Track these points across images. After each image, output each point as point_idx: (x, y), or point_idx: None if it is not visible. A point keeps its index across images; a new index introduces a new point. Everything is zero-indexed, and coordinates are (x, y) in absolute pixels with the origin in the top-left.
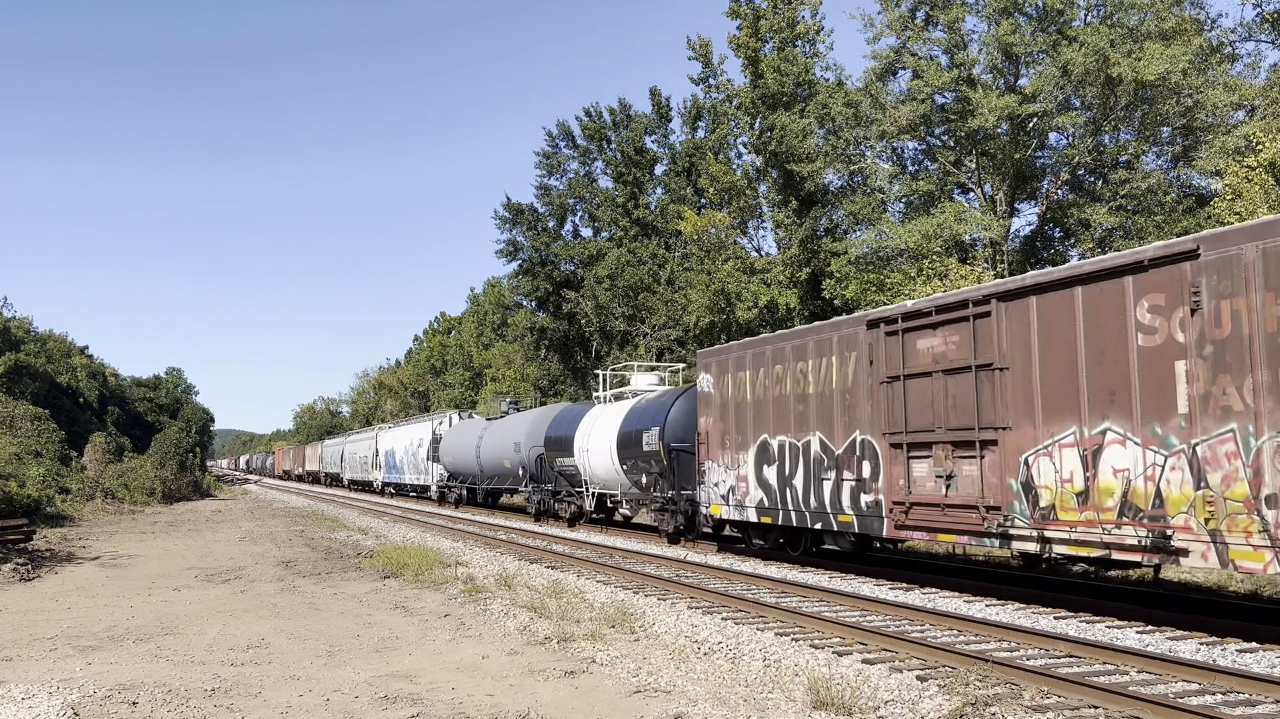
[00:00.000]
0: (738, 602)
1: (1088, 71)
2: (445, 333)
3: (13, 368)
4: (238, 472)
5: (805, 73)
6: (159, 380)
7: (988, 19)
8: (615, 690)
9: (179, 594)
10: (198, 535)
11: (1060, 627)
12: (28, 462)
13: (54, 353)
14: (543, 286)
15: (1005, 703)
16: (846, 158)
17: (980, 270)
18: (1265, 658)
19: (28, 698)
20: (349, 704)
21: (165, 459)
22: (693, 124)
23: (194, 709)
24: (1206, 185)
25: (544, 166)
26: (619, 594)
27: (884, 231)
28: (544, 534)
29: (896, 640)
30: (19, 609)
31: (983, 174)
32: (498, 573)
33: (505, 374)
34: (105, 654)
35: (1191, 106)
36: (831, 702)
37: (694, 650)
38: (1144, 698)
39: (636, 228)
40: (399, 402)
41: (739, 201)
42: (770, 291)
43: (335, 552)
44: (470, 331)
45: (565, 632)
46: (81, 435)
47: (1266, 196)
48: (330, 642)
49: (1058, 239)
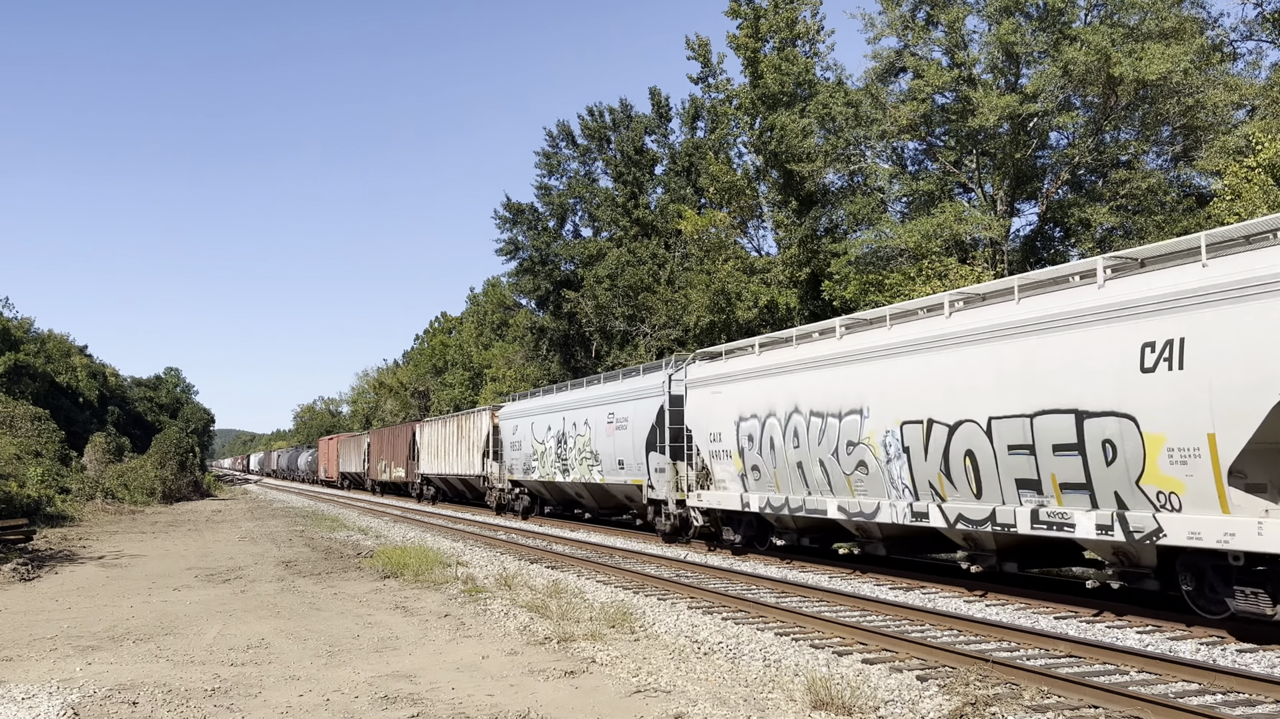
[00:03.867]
0: (738, 602)
1: (1088, 71)
2: (445, 333)
3: (13, 368)
4: (247, 473)
5: (805, 72)
6: (159, 380)
7: (988, 19)
8: (615, 690)
9: (179, 594)
10: (198, 535)
11: (1060, 627)
12: (28, 462)
13: (54, 353)
14: (544, 285)
15: (1005, 703)
16: (846, 158)
17: (980, 270)
18: (1265, 658)
19: (28, 698)
20: (349, 704)
21: (165, 459)
22: (692, 124)
23: (194, 709)
24: (1206, 185)
25: (544, 166)
26: (619, 594)
27: (884, 232)
28: (545, 534)
29: (896, 640)
30: (19, 609)
31: (983, 174)
32: (498, 573)
33: (505, 374)
34: (105, 654)
35: (1192, 106)
36: (831, 702)
37: (694, 650)
38: (1144, 698)
39: (636, 228)
40: (399, 401)
41: (739, 201)
42: (770, 291)
43: (335, 552)
44: (470, 331)
45: (565, 632)
46: (81, 435)
47: (1266, 197)
48: (330, 642)
49: (1058, 239)
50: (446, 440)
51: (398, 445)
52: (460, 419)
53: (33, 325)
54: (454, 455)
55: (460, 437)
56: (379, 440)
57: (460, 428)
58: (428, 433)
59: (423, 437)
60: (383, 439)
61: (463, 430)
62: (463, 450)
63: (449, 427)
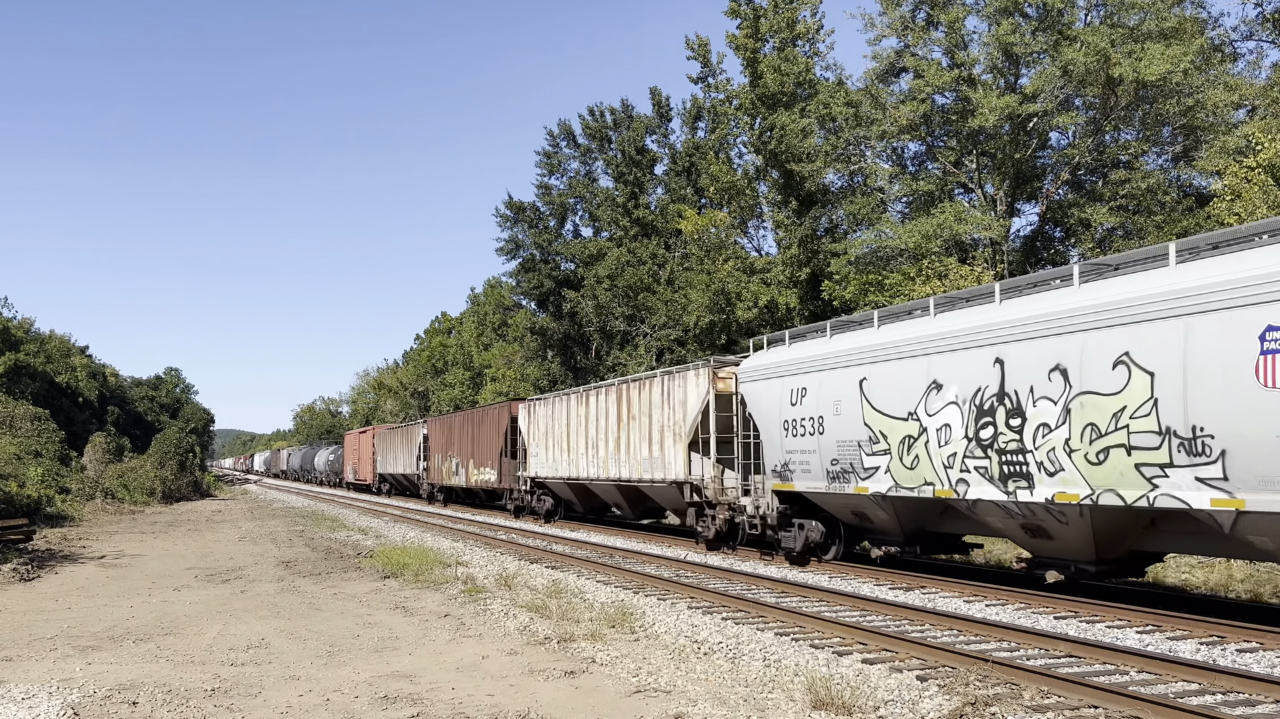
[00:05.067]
0: (738, 602)
1: (1088, 71)
2: (445, 333)
3: (13, 368)
4: (249, 474)
5: (805, 72)
6: (159, 380)
7: (988, 19)
8: (615, 690)
9: (179, 594)
10: (198, 535)
11: (1060, 627)
12: (28, 462)
13: (54, 353)
14: (545, 283)
15: (1005, 703)
16: (846, 158)
17: (980, 270)
18: (1265, 658)
19: (28, 698)
20: (349, 704)
21: (165, 459)
22: (693, 124)
23: (194, 709)
24: (1206, 185)
25: (545, 166)
26: (619, 594)
27: (884, 232)
28: (545, 534)
29: (896, 640)
30: (19, 609)
31: (983, 174)
32: (498, 573)
33: (505, 374)
34: (105, 654)
35: (1192, 106)
36: (831, 702)
37: (694, 650)
38: (1144, 698)
39: (637, 227)
40: (399, 402)
41: (739, 201)
42: (770, 291)
43: (335, 552)
44: (470, 332)
45: (565, 632)
46: (81, 435)
47: (1265, 197)
48: (330, 642)
49: (1058, 239)
50: (595, 422)
51: (481, 437)
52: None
53: (33, 325)
54: (612, 446)
55: (630, 417)
56: (444, 431)
57: (630, 401)
58: (547, 414)
59: (534, 421)
60: (452, 429)
61: (641, 404)
62: (634, 439)
63: (600, 401)
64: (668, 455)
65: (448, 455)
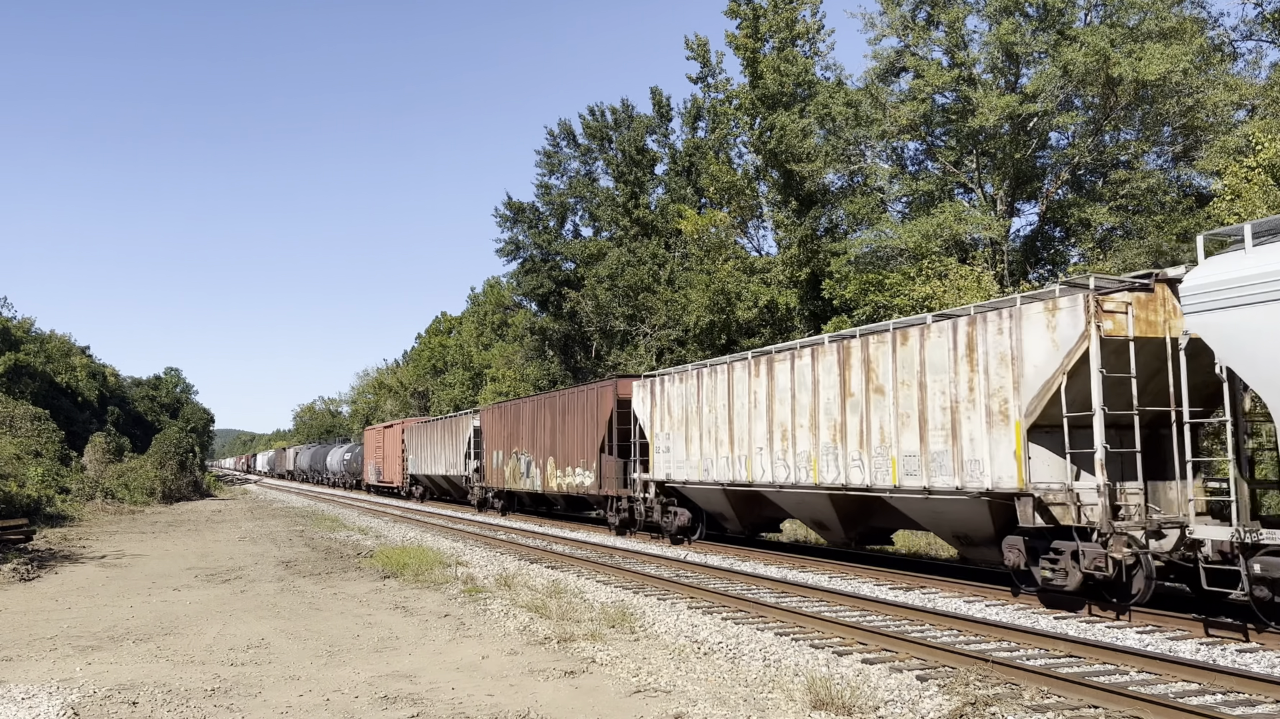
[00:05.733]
0: (738, 602)
1: (1088, 71)
2: (445, 333)
3: (13, 368)
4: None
5: (805, 73)
6: (159, 380)
7: (988, 19)
8: (615, 690)
9: (179, 594)
10: (198, 535)
11: (1060, 627)
12: (28, 462)
13: (54, 353)
14: (545, 284)
15: (1005, 703)
16: (846, 158)
17: (980, 270)
18: (1265, 658)
19: (28, 698)
20: (349, 704)
21: (165, 459)
22: (693, 124)
23: (194, 709)
24: (1206, 185)
25: (545, 165)
26: (619, 594)
27: (884, 231)
28: (545, 534)
29: (896, 640)
30: (19, 609)
31: (983, 174)
32: (498, 573)
33: (505, 374)
34: (105, 654)
35: (1192, 106)
36: (831, 701)
37: (694, 650)
38: (1144, 698)
39: (637, 227)
40: (399, 402)
41: (739, 201)
42: (770, 291)
43: (335, 552)
44: (470, 332)
45: (565, 632)
46: (81, 435)
47: (1265, 197)
48: (330, 642)
49: (1058, 239)
50: (788, 401)
51: (569, 427)
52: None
53: (33, 325)
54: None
55: (874, 389)
56: (507, 422)
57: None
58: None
59: (661, 403)
60: (519, 419)
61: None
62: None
63: (799, 369)
64: (974, 449)
65: (511, 453)
